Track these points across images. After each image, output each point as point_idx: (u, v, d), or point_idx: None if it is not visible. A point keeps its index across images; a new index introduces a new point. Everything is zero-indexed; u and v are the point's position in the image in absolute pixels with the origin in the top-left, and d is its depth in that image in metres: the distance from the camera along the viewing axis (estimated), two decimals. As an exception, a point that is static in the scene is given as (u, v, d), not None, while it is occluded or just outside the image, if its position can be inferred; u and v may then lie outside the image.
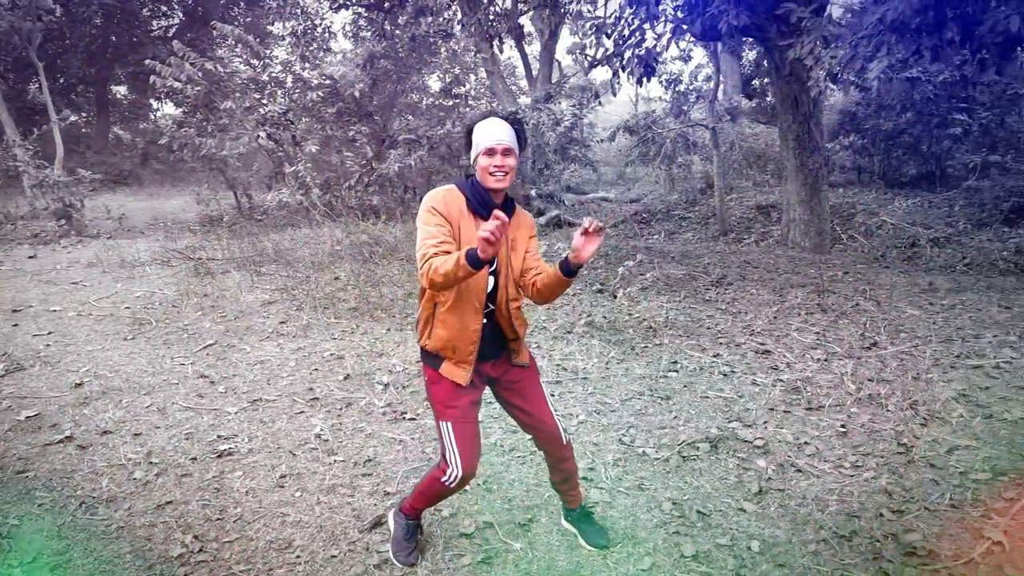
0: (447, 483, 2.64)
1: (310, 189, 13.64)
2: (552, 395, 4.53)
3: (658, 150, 14.16)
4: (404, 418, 4.30)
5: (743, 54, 18.10)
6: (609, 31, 7.05)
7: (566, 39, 24.58)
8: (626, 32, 6.85)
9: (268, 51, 16.79)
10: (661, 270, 7.09)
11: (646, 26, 6.50)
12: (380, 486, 3.51)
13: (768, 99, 17.75)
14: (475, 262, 2.13)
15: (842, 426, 3.88)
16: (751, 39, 11.78)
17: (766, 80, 17.74)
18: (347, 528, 3.16)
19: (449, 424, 2.59)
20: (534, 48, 22.06)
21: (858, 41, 4.52)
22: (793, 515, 3.10)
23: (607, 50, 6.96)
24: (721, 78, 15.38)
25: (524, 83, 24.65)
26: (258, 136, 14.63)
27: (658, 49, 6.56)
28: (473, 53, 19.10)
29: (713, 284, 6.96)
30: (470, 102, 18.41)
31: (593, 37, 7.16)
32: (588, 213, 16.41)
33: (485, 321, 2.55)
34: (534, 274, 2.52)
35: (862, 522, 3.02)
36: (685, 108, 14.55)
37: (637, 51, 6.64)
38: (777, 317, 5.77)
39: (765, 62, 17.37)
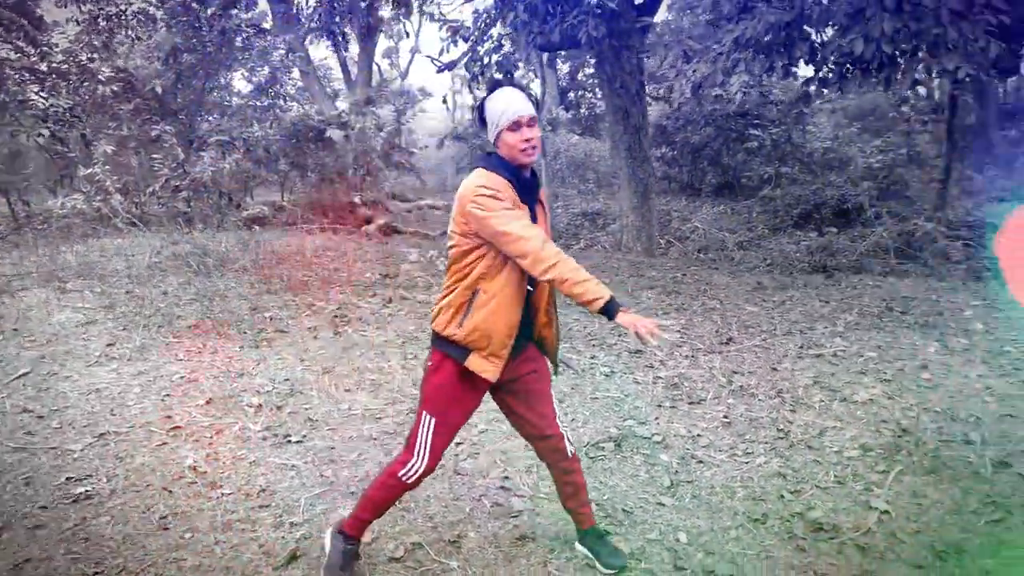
0: (405, 477, 2.52)
1: (110, 194, 12.25)
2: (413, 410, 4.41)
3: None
4: (289, 441, 3.97)
5: (557, 67, 18.94)
6: (466, 35, 7.06)
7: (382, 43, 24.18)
8: (481, 36, 6.90)
9: (46, 38, 14.86)
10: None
11: (500, 30, 6.56)
12: (283, 517, 3.21)
13: (582, 111, 18.75)
14: (608, 312, 2.17)
15: (725, 417, 4.16)
16: (571, 50, 12.32)
17: (580, 93, 18.74)
18: (259, 566, 2.85)
19: (433, 419, 2.46)
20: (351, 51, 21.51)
21: (716, 56, 4.92)
22: (707, 504, 3.26)
23: (466, 53, 6.96)
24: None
25: (338, 85, 23.97)
26: (39, 134, 12.91)
27: (517, 56, 6.69)
28: (284, 52, 18.19)
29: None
30: (288, 103, 17.55)
31: (449, 40, 7.13)
32: (418, 220, 16.28)
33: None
34: None
35: (768, 505, 3.24)
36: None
37: (495, 56, 6.71)
38: (637, 318, 6.06)
39: (581, 75, 18.32)
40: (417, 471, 2.51)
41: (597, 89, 19.76)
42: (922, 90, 15.78)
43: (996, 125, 16.04)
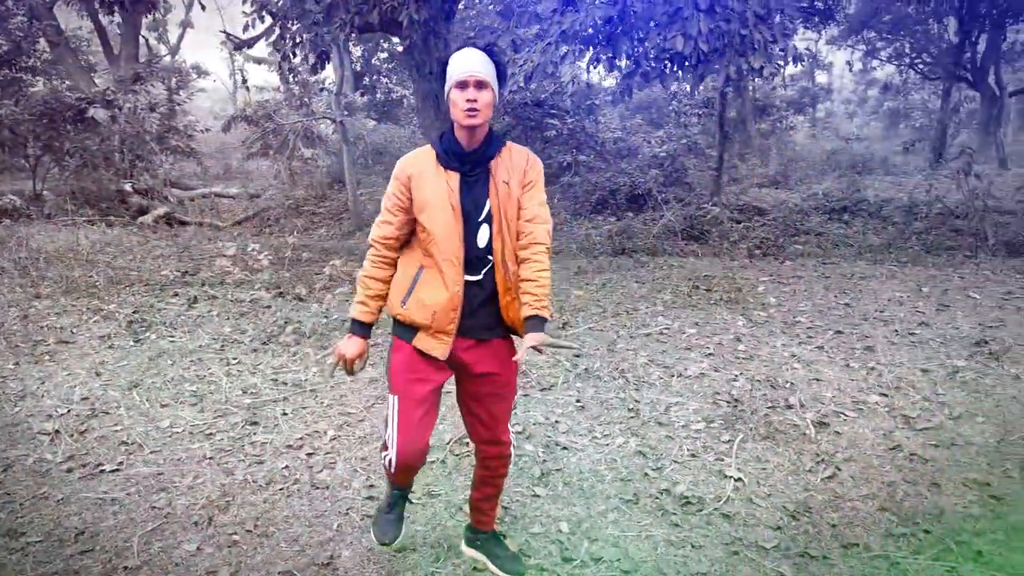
0: (386, 463, 2.42)
1: None
2: (284, 413, 4.05)
3: (283, 141, 13.52)
4: (103, 471, 3.41)
5: (351, 50, 18.28)
6: (274, 9, 6.43)
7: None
8: (292, 13, 6.34)
9: None
10: (343, 268, 6.80)
11: (313, 8, 6.07)
12: (113, 561, 2.73)
13: (378, 96, 18.27)
14: (352, 327, 2.40)
15: (577, 401, 4.22)
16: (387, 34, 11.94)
17: (375, 77, 18.25)
18: (95, 628, 2.40)
19: (396, 398, 2.34)
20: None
21: (546, 47, 4.96)
22: (580, 490, 3.27)
23: (272, 30, 6.35)
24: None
25: (95, 58, 21.20)
26: None
27: (330, 37, 6.22)
28: (27, 19, 15.78)
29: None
30: (35, 77, 15.22)
31: (254, 15, 6.45)
32: (203, 209, 14.92)
33: (479, 278, 2.30)
34: (527, 239, 2.29)
35: (636, 484, 3.32)
36: (307, 100, 14.14)
37: (307, 35, 6.20)
38: (470, 307, 6.01)
39: (375, 60, 17.86)
40: (390, 461, 2.36)
41: (392, 74, 19.40)
42: (686, 86, 17.38)
43: (752, 119, 18.10)
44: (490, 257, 2.31)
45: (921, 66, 22.76)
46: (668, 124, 14.91)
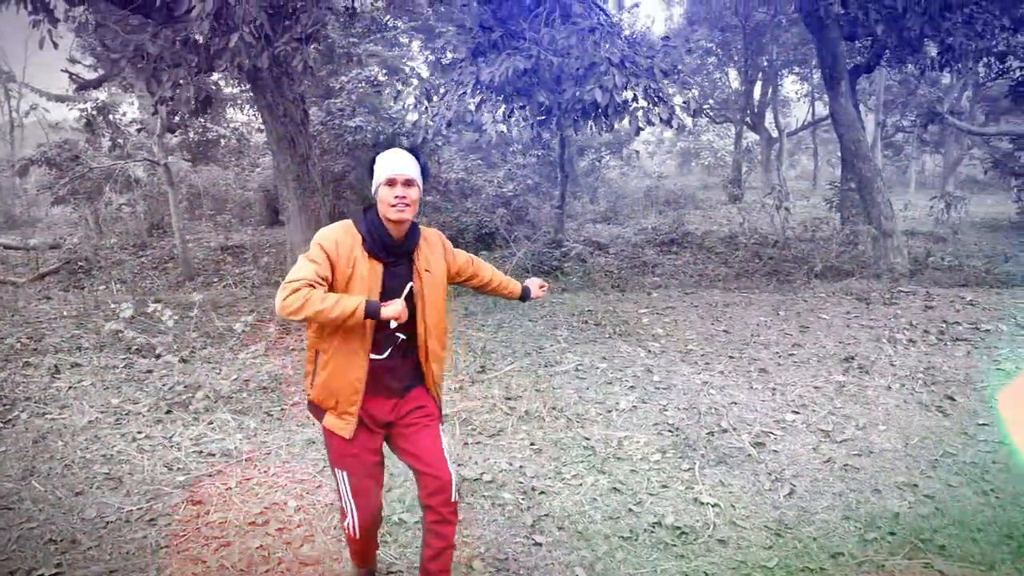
0: (349, 531, 2.54)
1: None
2: (229, 488, 3.66)
3: (94, 187, 12.16)
4: (35, 581, 2.88)
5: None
6: (151, 51, 5.76)
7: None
8: (168, 56, 5.75)
9: None
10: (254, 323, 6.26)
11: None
12: None
13: (191, 135, 17.06)
14: (370, 314, 2.24)
15: (532, 444, 4.23)
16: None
17: (186, 115, 16.99)
18: None
19: (344, 474, 2.46)
20: None
21: (461, 96, 4.97)
22: (577, 533, 3.29)
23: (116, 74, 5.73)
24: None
25: None
26: None
27: (212, 80, 5.75)
28: None
29: (286, 331, 6.52)
30: None
31: (123, 57, 5.74)
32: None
33: (385, 357, 2.42)
34: (481, 281, 2.87)
35: (626, 520, 3.40)
36: (121, 141, 12.86)
37: (185, 82, 5.68)
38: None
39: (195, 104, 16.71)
40: (355, 526, 2.50)
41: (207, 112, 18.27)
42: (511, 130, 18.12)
43: (576, 159, 19.23)
44: (399, 335, 2.44)
45: (709, 111, 25.54)
46: (505, 165, 15.41)
